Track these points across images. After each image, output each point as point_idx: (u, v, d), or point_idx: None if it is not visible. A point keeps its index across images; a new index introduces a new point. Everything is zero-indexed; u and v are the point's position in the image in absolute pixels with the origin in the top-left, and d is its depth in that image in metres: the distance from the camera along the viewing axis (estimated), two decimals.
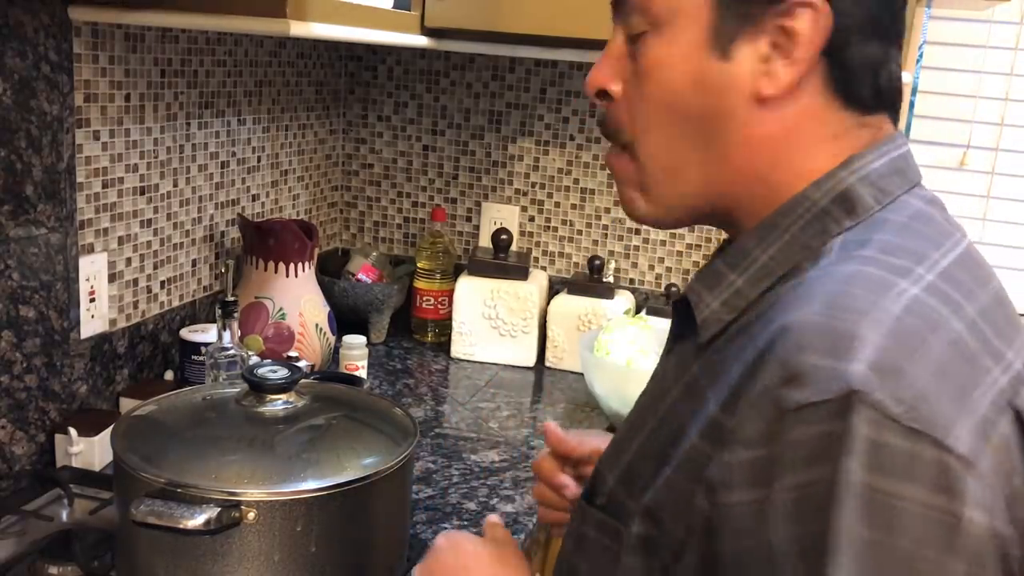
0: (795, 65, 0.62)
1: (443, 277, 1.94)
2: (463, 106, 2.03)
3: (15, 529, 1.10)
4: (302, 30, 1.10)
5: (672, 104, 0.65)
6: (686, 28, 0.64)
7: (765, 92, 0.63)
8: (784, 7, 0.61)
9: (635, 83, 0.67)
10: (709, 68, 0.63)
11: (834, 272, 0.58)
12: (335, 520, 0.89)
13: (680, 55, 0.64)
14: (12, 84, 1.14)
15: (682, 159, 0.66)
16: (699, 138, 0.65)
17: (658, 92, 0.65)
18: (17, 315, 1.19)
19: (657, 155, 0.67)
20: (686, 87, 0.64)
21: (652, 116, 0.66)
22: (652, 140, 0.67)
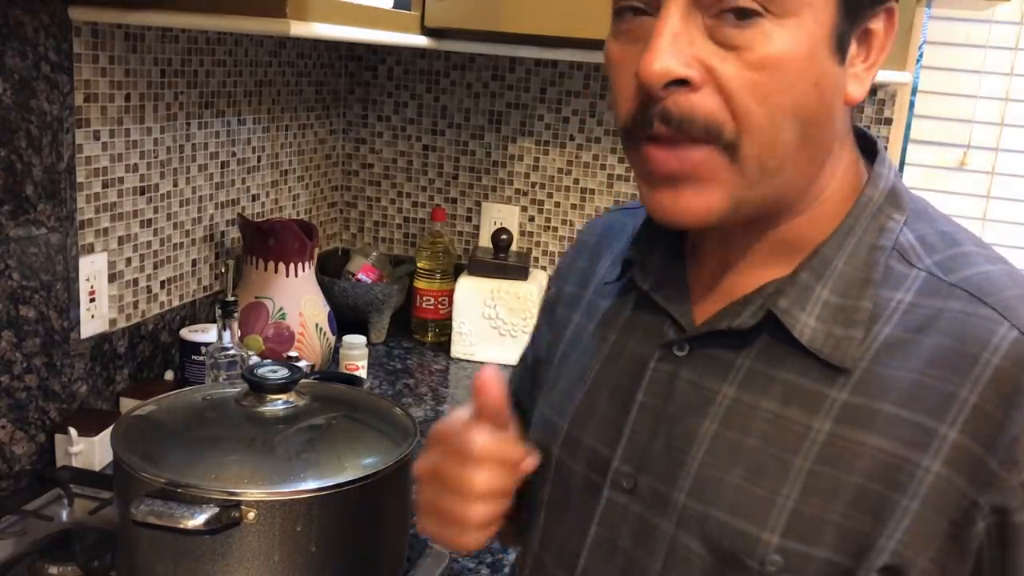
0: (872, 68, 0.62)
1: (443, 277, 1.94)
2: (463, 106, 2.03)
3: (15, 529, 1.10)
4: (302, 30, 1.10)
5: (793, 102, 0.59)
6: (814, 22, 0.58)
7: (855, 96, 0.62)
8: (875, 10, 0.61)
9: (739, 72, 0.58)
10: (828, 70, 0.60)
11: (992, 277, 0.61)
12: (335, 520, 0.89)
13: (806, 51, 0.58)
14: (12, 84, 1.14)
15: (784, 161, 0.61)
16: (807, 139, 0.61)
17: (782, 88, 0.58)
18: (17, 315, 1.19)
19: (767, 152, 0.60)
20: (807, 86, 0.59)
21: (769, 112, 0.59)
22: (765, 139, 0.59)
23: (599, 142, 1.96)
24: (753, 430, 0.63)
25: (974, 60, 1.84)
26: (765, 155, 0.60)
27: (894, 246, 0.64)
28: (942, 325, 0.60)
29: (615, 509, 0.69)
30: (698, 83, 0.58)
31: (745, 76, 0.58)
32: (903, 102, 1.83)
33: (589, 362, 0.75)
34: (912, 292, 0.62)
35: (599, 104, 1.95)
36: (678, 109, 0.59)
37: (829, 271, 0.63)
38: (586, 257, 0.85)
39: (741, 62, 0.58)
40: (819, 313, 0.62)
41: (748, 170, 0.60)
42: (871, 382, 0.60)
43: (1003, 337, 0.58)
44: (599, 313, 0.78)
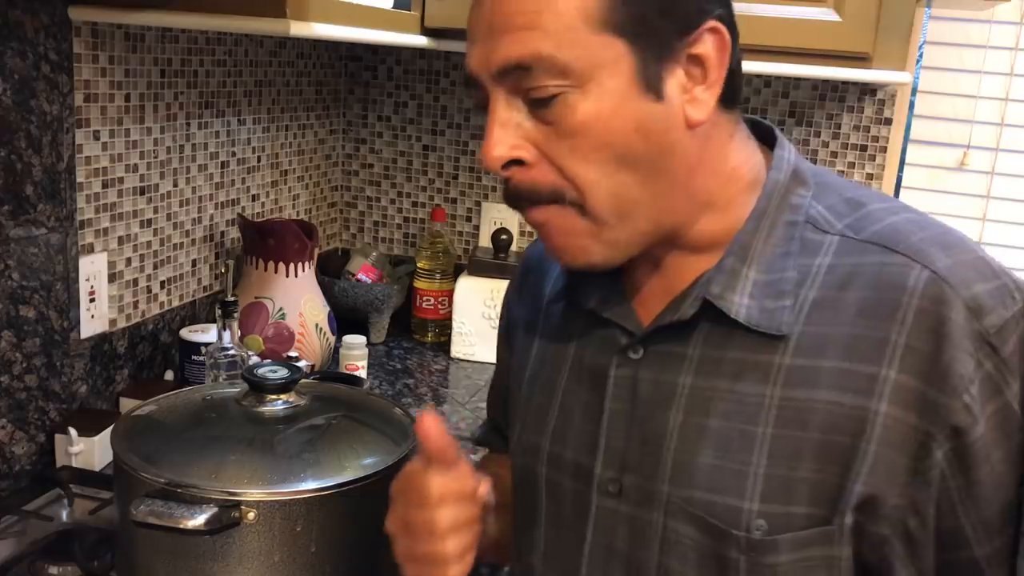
0: (712, 87, 0.66)
1: (443, 277, 1.94)
2: (463, 106, 2.03)
3: (15, 529, 1.10)
4: (302, 30, 1.10)
5: (618, 152, 0.65)
6: (611, 79, 0.64)
7: (696, 119, 0.66)
8: (692, 37, 0.65)
9: (559, 142, 0.65)
10: (647, 111, 0.65)
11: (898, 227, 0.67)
12: (335, 520, 0.89)
13: (614, 106, 0.64)
14: (12, 84, 1.14)
15: (635, 200, 0.67)
16: (648, 177, 0.66)
17: (598, 145, 0.65)
18: (17, 315, 1.19)
19: (609, 202, 0.66)
20: (629, 134, 0.65)
21: (596, 167, 0.65)
22: (602, 190, 0.66)
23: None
24: (714, 411, 0.68)
25: (974, 60, 1.84)
26: (611, 204, 0.66)
27: (806, 219, 0.69)
28: (862, 279, 0.65)
29: (606, 514, 0.72)
30: (531, 160, 0.67)
31: (564, 145, 0.65)
32: (903, 102, 1.83)
33: (555, 381, 0.79)
34: (829, 255, 0.67)
35: None
36: (522, 185, 0.68)
37: (751, 253, 0.69)
38: (533, 279, 0.88)
39: (558, 134, 0.65)
40: (750, 291, 0.68)
41: (603, 219, 0.67)
42: (808, 343, 0.65)
43: (917, 278, 0.64)
44: (554, 331, 0.82)
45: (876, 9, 1.44)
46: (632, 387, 0.72)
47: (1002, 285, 0.64)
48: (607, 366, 0.74)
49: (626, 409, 0.72)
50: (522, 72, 0.65)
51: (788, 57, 1.47)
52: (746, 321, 0.67)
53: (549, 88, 0.64)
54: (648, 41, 0.64)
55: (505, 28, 0.65)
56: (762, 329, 0.66)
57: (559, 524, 0.77)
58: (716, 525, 0.66)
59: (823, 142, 1.86)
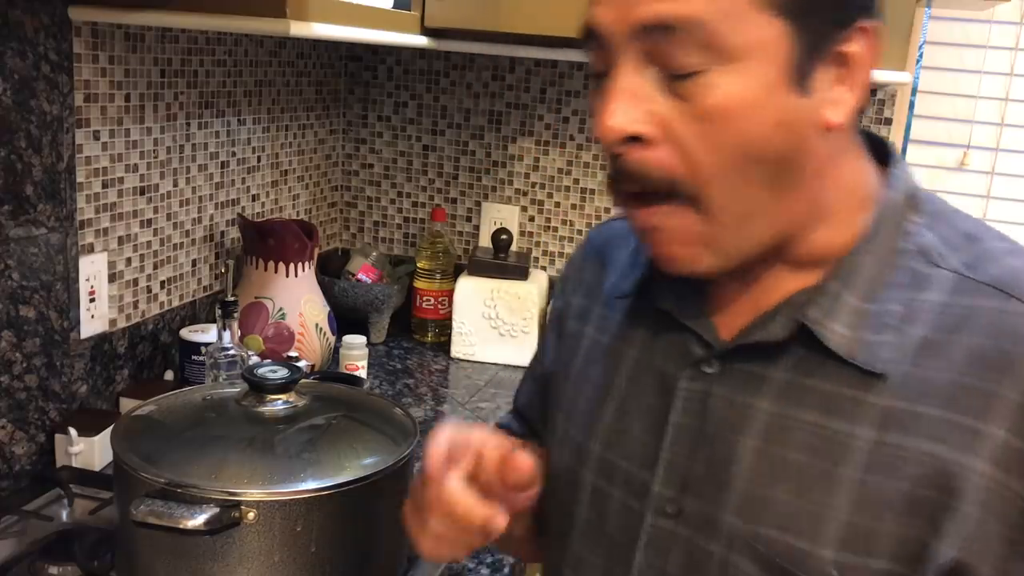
0: (855, 90, 0.61)
1: (443, 277, 1.94)
2: (463, 106, 2.03)
3: (15, 529, 1.10)
4: (302, 30, 1.10)
5: (753, 147, 0.59)
6: (763, 63, 0.58)
7: (834, 121, 0.61)
8: (846, 33, 0.59)
9: (690, 123, 0.59)
10: (791, 106, 0.59)
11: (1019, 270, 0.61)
12: (335, 520, 0.89)
13: (759, 93, 0.58)
14: (12, 84, 1.14)
15: (758, 203, 0.61)
16: (776, 178, 0.61)
17: (735, 135, 0.58)
18: (17, 315, 1.19)
19: (732, 204, 0.60)
20: (768, 128, 0.59)
21: (726, 161, 0.59)
22: (727, 187, 0.60)
23: (599, 142, 1.96)
24: (796, 443, 0.62)
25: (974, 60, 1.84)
26: (733, 202, 0.60)
27: (917, 248, 0.63)
28: (976, 324, 0.60)
29: (661, 535, 0.67)
30: (653, 139, 0.60)
31: (695, 128, 0.59)
32: (903, 102, 1.83)
33: (611, 380, 0.74)
34: (942, 292, 0.62)
35: None
36: (636, 166, 0.61)
37: (856, 278, 0.63)
38: (592, 267, 0.83)
39: (691, 114, 0.59)
40: (849, 320, 0.62)
41: (720, 219, 0.61)
42: (910, 385, 0.60)
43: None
44: (614, 327, 0.76)
45: None
46: (703, 403, 0.67)
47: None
48: (676, 376, 0.68)
49: (694, 426, 0.67)
50: (666, 35, 0.57)
51: None
52: (840, 351, 0.61)
53: (692, 60, 0.57)
54: (809, 28, 0.58)
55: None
56: (858, 363, 0.61)
57: (599, 536, 0.72)
58: (785, 568, 0.61)
59: None
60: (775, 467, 0.62)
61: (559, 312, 0.86)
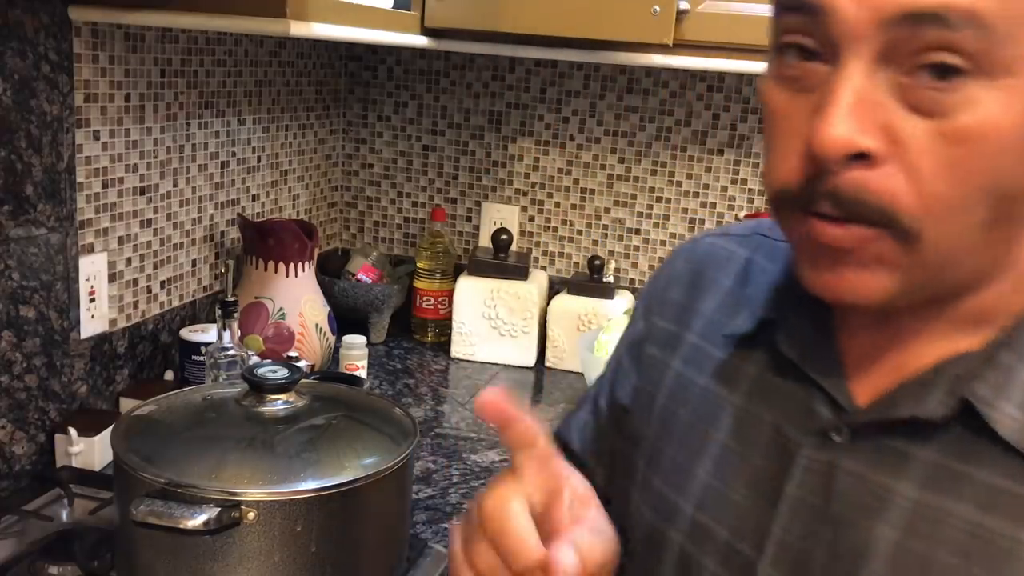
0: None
1: (443, 277, 1.94)
2: (463, 106, 2.03)
3: (15, 529, 1.10)
4: (302, 30, 1.10)
5: (995, 181, 0.48)
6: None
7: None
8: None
9: (934, 144, 0.47)
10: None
11: None
12: (335, 520, 0.89)
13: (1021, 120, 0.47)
14: (12, 84, 1.14)
15: (972, 246, 0.50)
16: (997, 219, 0.49)
17: (983, 166, 0.47)
18: (17, 315, 1.19)
19: (949, 240, 0.49)
20: (1015, 161, 0.48)
21: (964, 195, 0.48)
22: (952, 225, 0.49)
23: (599, 142, 1.96)
24: (945, 541, 0.51)
25: None
26: (950, 242, 0.49)
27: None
28: None
29: None
30: (881, 157, 0.48)
31: (940, 152, 0.47)
32: None
33: (707, 429, 0.64)
34: None
35: (599, 104, 1.95)
36: (851, 190, 0.49)
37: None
38: (682, 289, 0.73)
39: (937, 133, 0.47)
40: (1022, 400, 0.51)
41: (927, 257, 0.50)
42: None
43: None
44: (712, 366, 0.66)
45: None
46: (827, 477, 0.56)
47: None
48: (796, 440, 0.58)
49: (815, 504, 0.56)
50: (935, 29, 0.45)
51: None
52: (1013, 439, 0.50)
53: (959, 59, 0.45)
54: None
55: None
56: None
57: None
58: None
59: None
60: (919, 567, 0.52)
61: (638, 336, 0.75)
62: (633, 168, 1.95)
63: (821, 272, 0.53)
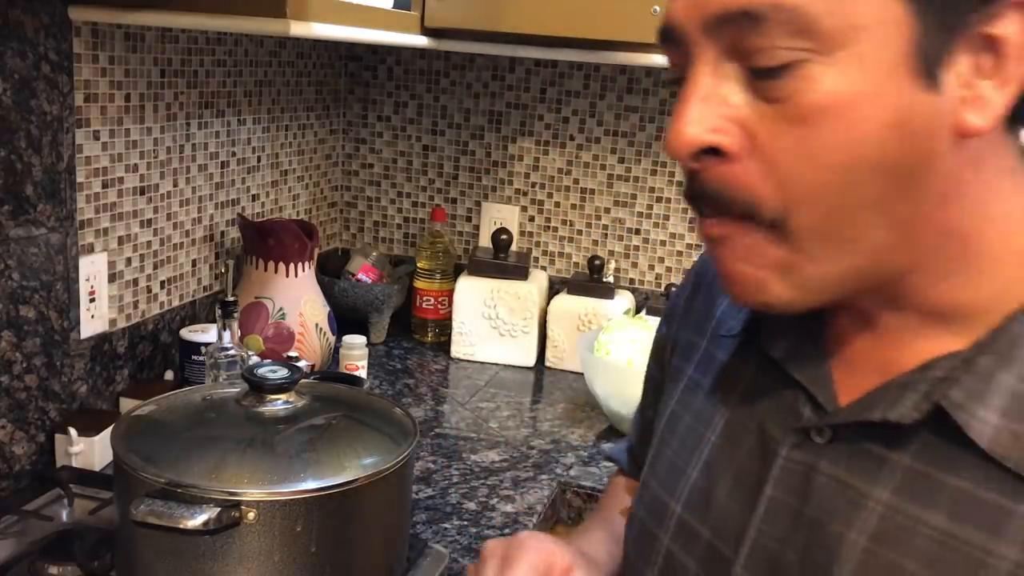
0: (1007, 85, 0.47)
1: (443, 277, 1.94)
2: (463, 106, 2.03)
3: (15, 529, 1.10)
4: (302, 30, 1.10)
5: (862, 153, 0.47)
6: (877, 48, 0.46)
7: (974, 125, 0.47)
8: (992, 10, 0.46)
9: (783, 129, 0.48)
10: (914, 103, 0.47)
11: None
12: (335, 520, 0.89)
13: (873, 86, 0.46)
14: (12, 84, 1.14)
15: (857, 227, 0.49)
16: (886, 197, 0.48)
17: (840, 139, 0.47)
18: (17, 315, 1.19)
19: (825, 226, 0.49)
20: (881, 133, 0.47)
21: (826, 172, 0.48)
22: (819, 208, 0.48)
23: (599, 142, 1.96)
24: (914, 550, 0.50)
25: None
26: (825, 227, 0.49)
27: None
28: None
29: None
30: (734, 151, 0.49)
31: (790, 134, 0.48)
32: None
33: (703, 430, 0.65)
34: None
35: (599, 104, 1.95)
36: (713, 187, 0.51)
37: (1019, 352, 0.50)
38: (704, 298, 0.72)
39: (782, 118, 0.48)
40: (1004, 407, 0.49)
41: (807, 244, 0.50)
42: None
43: None
44: (716, 369, 0.66)
45: None
46: (806, 478, 0.55)
47: None
48: (778, 440, 0.58)
49: (792, 505, 0.56)
50: (749, 25, 0.47)
51: None
52: (989, 448, 0.49)
53: (782, 52, 0.46)
54: (938, 3, 0.46)
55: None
56: (1010, 465, 0.48)
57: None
58: None
59: None
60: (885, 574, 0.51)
61: (663, 346, 0.77)
62: (633, 168, 1.95)
63: (721, 271, 0.54)
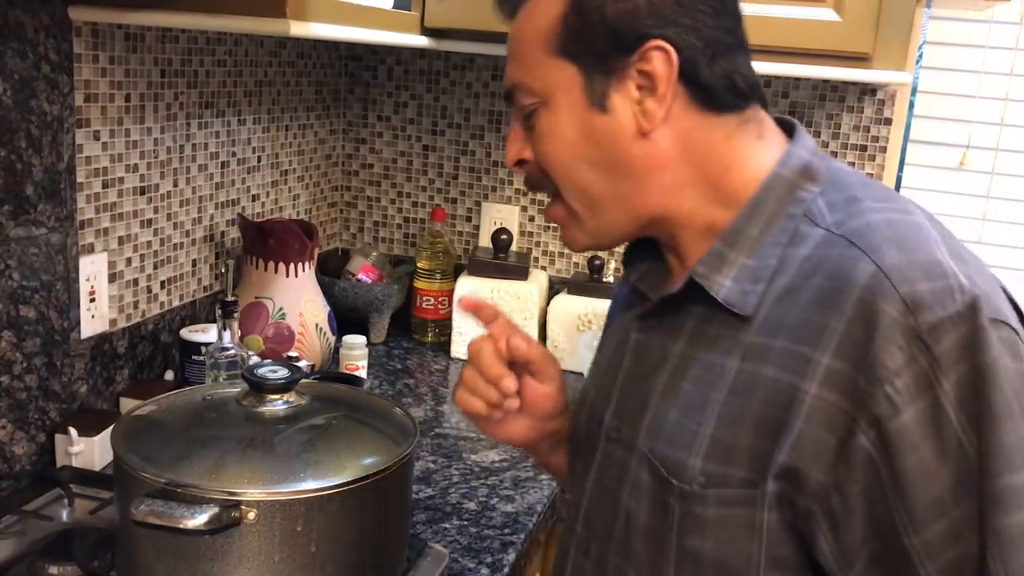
0: (662, 99, 0.74)
1: (443, 277, 1.94)
2: (463, 106, 2.03)
3: (15, 529, 1.10)
4: (302, 30, 1.10)
5: (576, 156, 0.78)
6: (565, 96, 0.77)
7: (645, 128, 0.75)
8: (639, 55, 0.74)
9: (537, 147, 0.80)
10: (595, 122, 0.77)
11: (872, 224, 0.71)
12: (335, 520, 0.89)
13: (567, 118, 0.77)
14: (12, 84, 1.14)
15: (600, 197, 0.79)
16: (609, 179, 0.78)
17: (560, 150, 0.79)
18: (17, 315, 1.19)
19: (577, 198, 0.80)
20: (581, 142, 0.77)
21: (562, 169, 0.79)
22: (569, 186, 0.80)
23: None
24: (688, 376, 0.76)
25: (974, 60, 1.84)
26: (579, 200, 0.80)
27: (804, 212, 0.75)
28: (823, 269, 0.70)
29: (606, 456, 0.83)
30: (530, 160, 0.82)
31: (540, 151, 0.80)
32: (903, 102, 1.83)
33: (605, 343, 0.93)
34: (810, 247, 0.73)
35: None
36: (528, 180, 0.85)
37: (742, 239, 0.75)
38: None
39: (536, 141, 0.80)
40: (735, 275, 0.75)
41: (577, 212, 0.81)
42: (769, 324, 0.72)
43: (863, 271, 0.67)
44: (619, 304, 0.95)
45: (876, 9, 1.44)
46: (643, 350, 0.82)
47: (947, 286, 0.66)
48: (630, 330, 0.84)
49: (634, 369, 0.83)
50: (514, 93, 0.80)
51: (788, 57, 1.47)
52: (724, 300, 0.74)
53: (527, 106, 0.79)
54: (593, 62, 0.75)
55: (508, 58, 0.82)
56: (735, 309, 0.74)
57: (578, 460, 0.90)
58: (665, 476, 0.75)
59: (823, 142, 1.86)
60: (673, 396, 0.77)
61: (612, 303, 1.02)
62: None
63: None
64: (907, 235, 0.70)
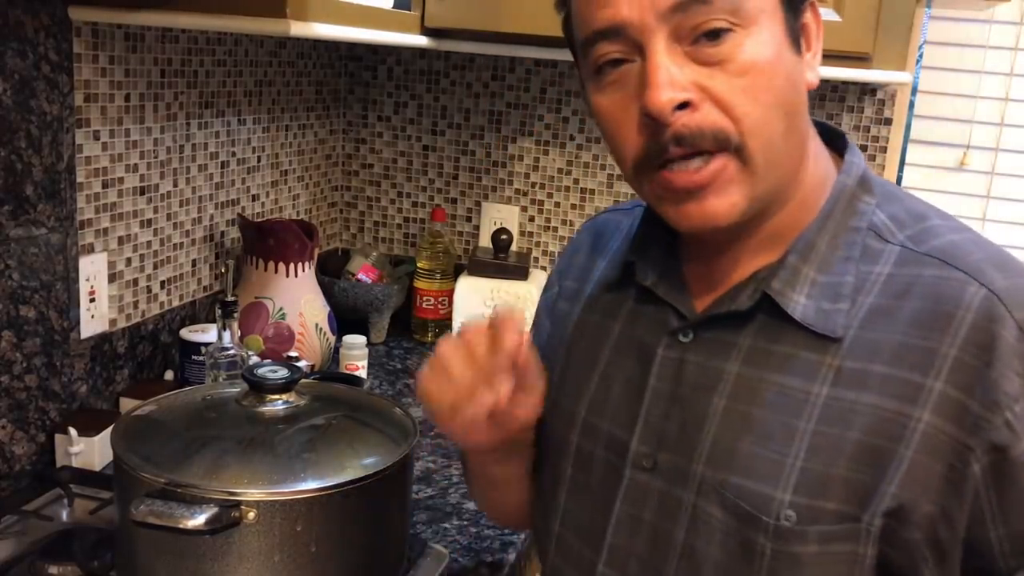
0: (817, 56, 0.70)
1: (443, 277, 1.94)
2: (463, 106, 2.03)
3: (15, 529, 1.10)
4: (302, 30, 1.10)
5: (779, 98, 0.67)
6: (770, 25, 0.67)
7: (813, 82, 0.70)
8: (803, 6, 0.69)
9: (728, 81, 0.66)
10: (794, 63, 0.68)
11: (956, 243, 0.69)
12: (335, 520, 0.89)
13: (774, 51, 0.67)
14: (12, 84, 1.14)
15: (781, 152, 0.69)
16: (789, 130, 0.68)
17: (766, 86, 0.66)
18: (17, 315, 1.19)
19: (766, 148, 0.67)
20: (783, 81, 0.67)
21: (763, 109, 0.66)
22: (765, 136, 0.67)
23: (599, 142, 1.96)
24: (759, 401, 0.69)
25: (974, 60, 1.84)
26: (767, 149, 0.67)
27: (868, 226, 0.71)
28: (919, 290, 0.67)
29: (637, 487, 0.75)
30: (697, 102, 0.66)
31: (734, 84, 0.66)
32: (903, 102, 1.83)
33: (597, 352, 0.82)
34: (890, 264, 0.69)
35: None
36: (688, 128, 0.66)
37: (814, 253, 0.71)
38: (584, 254, 0.91)
39: (727, 74, 0.66)
40: (808, 291, 0.69)
41: (757, 166, 0.67)
42: (861, 347, 0.67)
43: (974, 295, 0.65)
44: (602, 306, 0.84)
45: (876, 9, 1.44)
46: (678, 369, 0.74)
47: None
48: (655, 345, 0.76)
49: (669, 389, 0.74)
50: (700, 6, 0.65)
51: None
52: (802, 319, 0.69)
53: (722, 22, 0.65)
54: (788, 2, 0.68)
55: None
56: (817, 329, 0.68)
57: (583, 491, 0.80)
58: (746, 510, 0.68)
59: None
60: (741, 422, 0.70)
61: (552, 296, 0.93)
62: None
63: (688, 207, 0.69)
64: (1001, 257, 0.69)
